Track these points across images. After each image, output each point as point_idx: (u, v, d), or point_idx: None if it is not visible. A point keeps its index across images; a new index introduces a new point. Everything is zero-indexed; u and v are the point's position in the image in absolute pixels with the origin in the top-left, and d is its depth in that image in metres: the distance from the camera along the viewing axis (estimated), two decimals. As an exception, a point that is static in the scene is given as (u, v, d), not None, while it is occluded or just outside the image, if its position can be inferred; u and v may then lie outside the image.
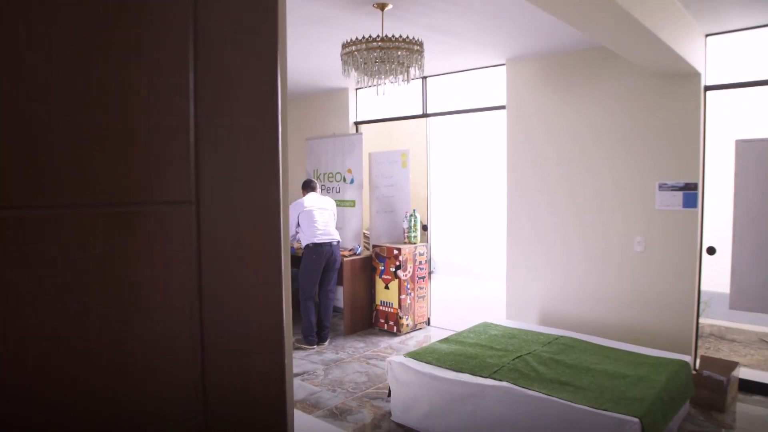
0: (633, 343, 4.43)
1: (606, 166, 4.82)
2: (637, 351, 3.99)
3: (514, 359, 3.73)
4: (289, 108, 7.76)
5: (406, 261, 5.97)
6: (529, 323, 5.21)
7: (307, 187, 5.80)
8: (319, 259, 5.53)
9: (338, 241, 5.72)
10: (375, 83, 3.66)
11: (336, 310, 6.79)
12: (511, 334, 4.36)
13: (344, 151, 6.82)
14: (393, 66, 3.53)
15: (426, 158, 6.40)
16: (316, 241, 5.52)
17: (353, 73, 3.65)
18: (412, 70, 3.65)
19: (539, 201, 5.24)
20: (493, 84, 5.71)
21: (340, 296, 6.75)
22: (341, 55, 3.64)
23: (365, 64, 3.53)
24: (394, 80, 3.65)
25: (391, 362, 3.87)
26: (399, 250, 5.94)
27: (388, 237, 6.52)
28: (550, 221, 5.17)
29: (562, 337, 4.27)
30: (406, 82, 3.68)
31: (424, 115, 6.31)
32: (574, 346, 4.05)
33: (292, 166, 7.83)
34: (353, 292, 6.11)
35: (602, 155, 4.84)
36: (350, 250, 6.37)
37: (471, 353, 3.89)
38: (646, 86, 4.56)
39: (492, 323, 4.73)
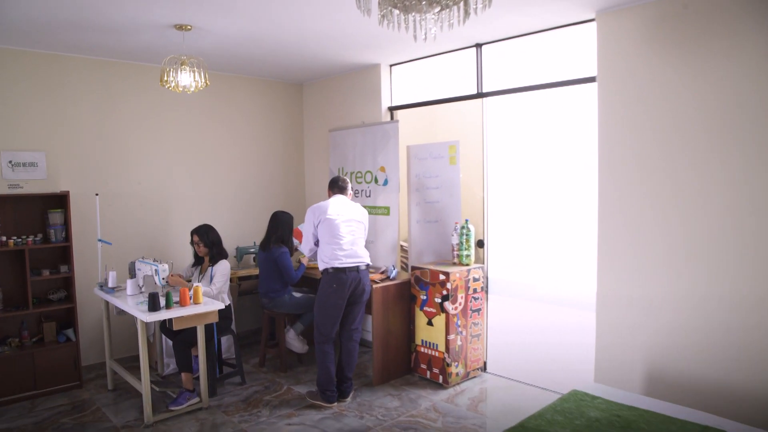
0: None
1: (758, 156, 3.22)
2: None
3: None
4: (308, 93, 6.35)
5: (456, 289, 4.48)
6: (635, 388, 3.65)
7: (335, 186, 4.38)
8: (341, 290, 4.10)
9: (367, 265, 4.27)
10: (412, 23, 2.19)
11: (363, 344, 5.35)
12: (626, 421, 2.82)
13: (376, 145, 5.37)
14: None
15: (481, 152, 4.89)
16: (337, 264, 4.09)
17: (374, 4, 2.19)
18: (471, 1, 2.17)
19: (651, 206, 3.66)
20: (575, 49, 4.16)
21: (368, 328, 5.30)
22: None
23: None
24: (440, 18, 2.18)
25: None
26: (447, 274, 4.45)
27: (432, 255, 5.04)
28: (668, 232, 3.59)
29: (712, 430, 2.70)
30: (460, 21, 2.20)
31: (479, 95, 4.80)
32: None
33: (312, 165, 6.42)
34: (386, 327, 4.66)
35: (753, 142, 3.23)
36: (382, 272, 4.91)
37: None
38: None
39: (585, 393, 3.19)
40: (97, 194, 4.70)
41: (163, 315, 3.67)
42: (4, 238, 4.40)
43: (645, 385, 3.68)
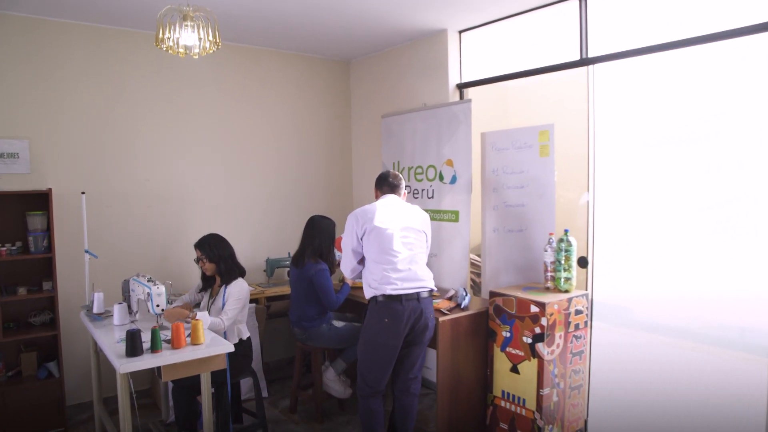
0: None
1: None
2: None
3: None
4: (357, 71, 5.24)
5: (553, 326, 3.25)
6: None
7: (383, 184, 3.26)
8: (395, 326, 2.95)
9: (431, 291, 3.11)
10: None
11: (424, 383, 4.19)
12: None
13: (441, 132, 4.20)
14: None
15: (586, 140, 3.62)
16: (390, 291, 2.95)
17: None
18: None
19: None
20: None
21: (430, 365, 4.14)
22: None
23: None
24: None
25: None
26: (542, 306, 3.22)
27: (513, 275, 3.83)
28: None
29: None
30: None
31: (583, 62, 3.56)
32: None
33: (361, 159, 5.30)
34: (455, 372, 3.48)
35: None
36: (449, 299, 3.73)
37: None
38: None
39: None
40: (83, 193, 3.72)
41: (145, 362, 2.60)
42: (-31, 248, 3.47)
43: None
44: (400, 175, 3.33)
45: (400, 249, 3.01)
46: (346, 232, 3.16)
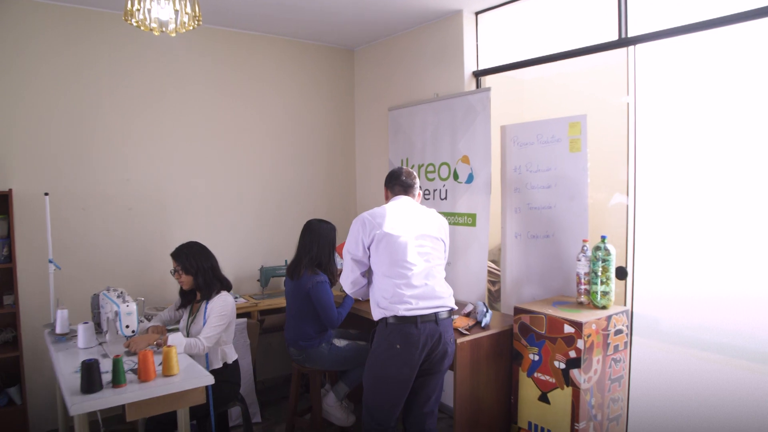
0: None
1: None
2: None
3: None
4: (362, 60, 4.78)
5: (591, 349, 2.78)
6: None
7: (395, 183, 2.80)
8: (409, 354, 2.47)
9: (451, 310, 2.63)
10: None
11: (441, 409, 3.72)
12: None
13: (455, 126, 3.74)
14: None
15: (626, 132, 3.14)
16: (404, 312, 2.48)
17: None
18: None
19: None
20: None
21: (447, 387, 3.68)
22: None
23: None
24: None
25: None
26: (578, 326, 2.75)
27: (538, 288, 3.37)
28: None
29: None
30: None
31: (622, 43, 3.09)
32: None
33: (366, 156, 4.84)
34: (474, 399, 3.02)
35: None
36: (467, 315, 3.26)
37: None
38: None
39: None
40: (47, 194, 3.26)
41: (103, 401, 2.13)
42: None
43: None
44: (414, 173, 2.86)
45: (415, 260, 2.54)
46: (349, 239, 2.68)
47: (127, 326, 2.59)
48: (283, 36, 4.43)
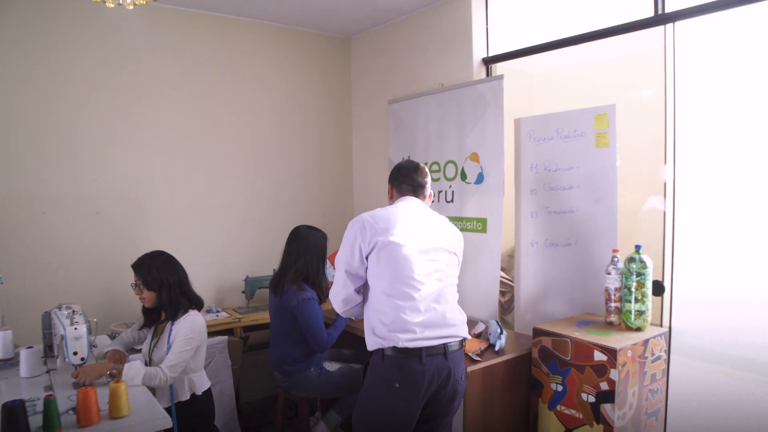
0: None
1: None
2: None
3: None
4: (359, 49, 4.36)
5: (626, 380, 2.34)
6: None
7: (402, 180, 2.31)
8: (410, 394, 2.01)
9: (463, 340, 2.18)
10: None
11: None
12: None
13: (463, 119, 3.32)
14: None
15: (663, 125, 2.70)
16: (404, 343, 2.01)
17: None
18: None
19: None
20: None
21: (455, 424, 3.24)
22: None
23: None
24: None
25: None
26: (611, 352, 2.31)
27: (560, 304, 2.94)
28: None
29: None
30: None
31: (659, 20, 2.67)
32: None
33: (363, 154, 4.42)
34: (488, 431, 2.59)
35: None
36: (477, 336, 2.83)
37: None
38: None
39: None
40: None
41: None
42: None
43: None
44: (427, 170, 2.40)
45: (424, 278, 2.08)
46: (344, 246, 2.22)
47: (75, 353, 2.17)
48: (271, 22, 4.01)
